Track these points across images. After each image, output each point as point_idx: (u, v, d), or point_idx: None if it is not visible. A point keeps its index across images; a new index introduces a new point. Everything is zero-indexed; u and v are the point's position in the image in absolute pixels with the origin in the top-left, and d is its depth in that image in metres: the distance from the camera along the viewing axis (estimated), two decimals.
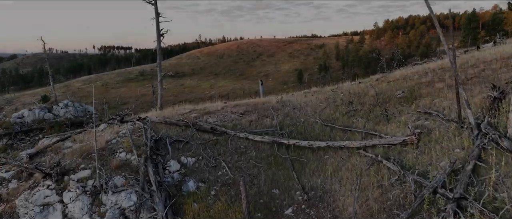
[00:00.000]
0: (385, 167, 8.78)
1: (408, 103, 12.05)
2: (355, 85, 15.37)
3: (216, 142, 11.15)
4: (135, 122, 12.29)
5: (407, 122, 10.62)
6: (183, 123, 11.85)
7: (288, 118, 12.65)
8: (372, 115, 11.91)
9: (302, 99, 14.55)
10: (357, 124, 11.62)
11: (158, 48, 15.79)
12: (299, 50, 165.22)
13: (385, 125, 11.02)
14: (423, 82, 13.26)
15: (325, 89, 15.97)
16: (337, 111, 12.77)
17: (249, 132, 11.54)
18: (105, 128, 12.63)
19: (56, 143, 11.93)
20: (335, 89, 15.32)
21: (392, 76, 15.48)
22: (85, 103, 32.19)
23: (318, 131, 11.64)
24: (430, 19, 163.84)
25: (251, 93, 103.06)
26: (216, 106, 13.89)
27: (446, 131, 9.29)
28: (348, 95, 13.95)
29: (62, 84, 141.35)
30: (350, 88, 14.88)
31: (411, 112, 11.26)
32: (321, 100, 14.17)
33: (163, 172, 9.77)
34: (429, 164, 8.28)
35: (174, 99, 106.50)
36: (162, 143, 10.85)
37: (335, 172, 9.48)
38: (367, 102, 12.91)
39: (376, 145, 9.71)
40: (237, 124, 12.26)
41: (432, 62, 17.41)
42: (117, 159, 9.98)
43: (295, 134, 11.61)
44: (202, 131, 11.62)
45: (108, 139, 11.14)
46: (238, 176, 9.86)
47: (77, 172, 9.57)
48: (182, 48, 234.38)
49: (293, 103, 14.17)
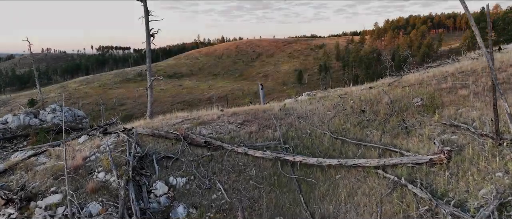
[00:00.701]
0: (411, 192, 7.36)
1: (428, 112, 10.63)
2: (366, 90, 13.94)
3: (210, 159, 9.71)
4: (119, 134, 10.84)
5: (431, 135, 9.21)
6: (174, 135, 10.40)
7: (292, 129, 11.22)
8: (389, 126, 10.49)
9: (308, 107, 13.12)
10: (371, 137, 10.19)
11: (148, 50, 14.33)
12: (298, 50, 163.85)
13: (405, 139, 9.60)
14: (443, 88, 11.85)
15: (332, 95, 14.55)
16: (348, 121, 11.34)
17: (248, 146, 10.11)
18: (85, 140, 11.18)
19: (29, 159, 10.49)
20: (343, 95, 13.89)
21: (406, 81, 14.06)
22: (80, 105, 30.83)
23: (327, 145, 10.21)
24: (431, 19, 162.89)
25: (251, 94, 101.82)
26: (212, 115, 12.45)
27: (481, 149, 7.87)
28: (358, 103, 12.53)
29: (59, 85, 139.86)
30: (360, 94, 13.46)
31: (434, 124, 9.84)
32: (328, 107, 12.74)
33: (148, 196, 8.33)
34: (466, 191, 6.87)
35: (172, 100, 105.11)
36: (148, 161, 9.41)
37: (350, 196, 8.06)
38: (381, 110, 11.48)
39: (398, 164, 8.30)
40: (235, 136, 10.83)
41: (448, 65, 16.02)
42: (94, 180, 8.53)
43: (301, 149, 10.18)
44: (195, 145, 10.17)
45: (86, 155, 9.69)
46: (235, 200, 8.44)
47: (46, 196, 8.13)
48: (180, 48, 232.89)
49: (298, 111, 12.74)
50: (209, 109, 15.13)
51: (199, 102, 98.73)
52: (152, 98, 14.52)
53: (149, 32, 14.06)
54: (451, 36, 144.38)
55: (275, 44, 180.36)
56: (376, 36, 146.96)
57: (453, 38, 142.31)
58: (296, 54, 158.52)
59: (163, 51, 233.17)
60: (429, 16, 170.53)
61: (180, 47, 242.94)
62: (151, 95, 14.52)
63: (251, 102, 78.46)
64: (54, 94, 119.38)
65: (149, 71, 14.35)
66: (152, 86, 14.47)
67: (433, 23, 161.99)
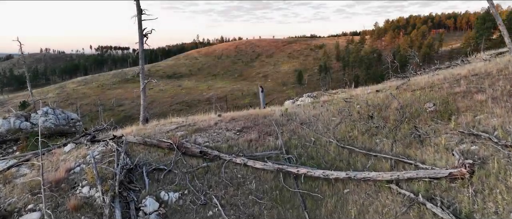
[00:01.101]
0: (430, 212, 6.56)
1: (442, 119, 9.81)
2: (373, 94, 13.12)
3: (206, 170, 8.89)
4: (108, 142, 10.01)
5: (448, 145, 8.39)
6: (167, 144, 9.58)
7: (295, 137, 10.40)
8: (400, 134, 9.68)
9: (311, 112, 12.30)
10: (382, 146, 9.37)
11: (140, 51, 13.48)
12: (298, 50, 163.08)
13: (419, 149, 8.78)
14: (457, 92, 11.04)
15: (336, 99, 13.73)
16: (355, 128, 10.52)
17: (248, 156, 9.29)
18: (72, 149, 10.36)
19: (9, 169, 9.66)
20: (349, 99, 13.07)
21: (415, 84, 13.24)
22: (78, 105, 29.86)
23: (334, 155, 9.39)
24: (431, 19, 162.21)
25: (250, 94, 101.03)
26: (208, 121, 11.62)
27: (507, 162, 7.06)
28: (366, 108, 11.71)
29: (57, 85, 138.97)
30: (367, 98, 12.64)
31: (450, 132, 9.03)
32: (333, 112, 11.92)
33: (136, 214, 7.50)
34: (495, 212, 6.06)
35: (171, 100, 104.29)
36: (137, 173, 8.58)
37: (361, 214, 7.25)
38: (391, 116, 10.67)
39: (413, 178, 7.48)
40: (234, 145, 10.00)
41: (458, 67, 15.22)
42: (77, 196, 7.70)
43: (305, 159, 9.36)
44: (190, 156, 9.34)
45: (70, 166, 8.86)
46: (234, 217, 7.62)
47: (22, 215, 7.31)
48: (180, 49, 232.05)
49: (301, 116, 11.92)
50: (206, 114, 14.31)
51: (198, 103, 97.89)
52: (145, 102, 13.64)
53: (142, 32, 13.21)
54: (452, 36, 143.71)
55: (275, 44, 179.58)
56: (376, 36, 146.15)
57: (453, 38, 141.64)
58: (295, 54, 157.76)
59: (162, 51, 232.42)
60: (429, 16, 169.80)
61: (179, 47, 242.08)
62: (144, 99, 13.64)
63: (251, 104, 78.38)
64: (52, 95, 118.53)
65: (142, 73, 13.49)
66: (146, 89, 13.60)
67: (433, 23, 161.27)
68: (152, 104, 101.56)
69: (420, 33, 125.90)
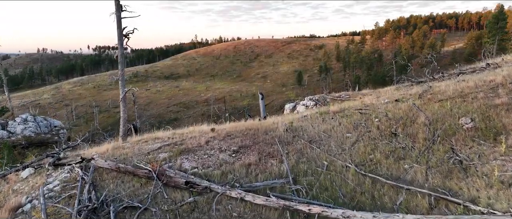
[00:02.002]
0: None
1: (486, 139, 7.95)
2: (392, 104, 11.24)
3: (193, 207, 7.00)
4: (74, 167, 8.12)
5: (503, 177, 6.53)
6: (144, 172, 7.68)
7: (303, 160, 8.52)
8: (434, 159, 7.81)
9: (321, 126, 10.42)
10: (413, 174, 7.50)
11: (120, 54, 11.49)
12: (298, 50, 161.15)
13: (463, 180, 6.92)
14: (497, 104, 9.18)
15: (348, 108, 11.85)
16: (376, 148, 8.65)
17: (245, 188, 7.41)
18: (30, 175, 8.45)
19: None
20: (364, 109, 11.20)
21: (440, 92, 11.37)
22: (74, 107, 27.73)
23: (353, 185, 7.52)
24: (432, 19, 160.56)
25: (249, 95, 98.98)
26: (199, 138, 9.74)
27: None
28: (386, 122, 9.84)
29: (53, 86, 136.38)
30: (385, 109, 10.77)
31: (501, 158, 7.17)
32: (347, 127, 10.05)
33: None
34: None
35: (168, 102, 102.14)
36: (104, 213, 6.68)
37: None
38: (419, 134, 8.80)
39: None
40: (228, 170, 8.12)
41: (487, 72, 13.35)
42: None
43: (317, 190, 7.48)
44: (173, 187, 7.45)
45: (19, 202, 6.96)
46: None
47: None
48: (178, 49, 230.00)
49: (309, 132, 10.04)
50: (198, 125, 12.46)
51: (195, 104, 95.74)
52: (125, 114, 11.68)
53: (122, 32, 11.25)
54: (453, 37, 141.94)
55: (274, 44, 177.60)
56: (377, 36, 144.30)
57: (455, 38, 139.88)
58: (295, 55, 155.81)
59: (160, 51, 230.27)
60: (430, 16, 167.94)
61: (177, 47, 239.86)
62: (124, 111, 11.65)
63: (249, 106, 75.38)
64: (47, 96, 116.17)
65: (121, 79, 11.50)
66: (126, 99, 11.65)
67: (434, 23, 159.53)
68: (149, 105, 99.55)
69: (421, 33, 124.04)
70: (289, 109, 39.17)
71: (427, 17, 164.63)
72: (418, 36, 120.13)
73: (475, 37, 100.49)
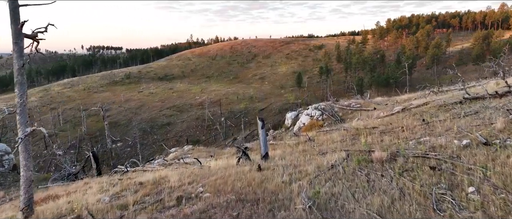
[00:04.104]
0: None
1: None
2: (478, 149, 6.57)
3: None
4: None
5: None
6: None
7: None
8: None
9: (367, 196, 5.71)
10: None
11: (16, 68, 6.64)
12: (296, 50, 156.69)
13: None
14: None
15: (402, 152, 7.15)
16: None
17: None
18: None
19: None
20: (433, 158, 6.49)
21: None
22: (61, 111, 22.63)
23: None
24: (435, 18, 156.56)
25: (246, 98, 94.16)
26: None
27: None
28: (491, 193, 5.15)
29: (42, 88, 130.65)
30: (479, 165, 6.08)
31: None
32: (418, 201, 5.34)
33: None
34: None
35: (161, 105, 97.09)
36: None
37: None
38: None
39: None
40: None
41: None
42: None
43: None
44: None
45: None
46: None
47: None
48: (173, 49, 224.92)
49: (349, 212, 5.33)
50: (181, 147, 7.80)
51: (190, 108, 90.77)
52: (29, 171, 6.80)
53: (18, 26, 6.53)
54: (457, 36, 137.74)
55: (272, 44, 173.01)
56: (379, 36, 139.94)
57: (458, 38, 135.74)
58: (294, 55, 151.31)
59: (155, 51, 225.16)
60: (433, 15, 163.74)
61: (172, 47, 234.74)
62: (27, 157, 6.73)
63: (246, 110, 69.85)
64: (34, 99, 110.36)
65: (21, 111, 6.59)
66: (29, 143, 6.78)
67: (437, 22, 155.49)
68: (141, 108, 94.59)
69: (425, 32, 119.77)
70: (291, 118, 34.40)
71: (429, 17, 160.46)
72: (423, 35, 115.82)
73: (483, 37, 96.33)
